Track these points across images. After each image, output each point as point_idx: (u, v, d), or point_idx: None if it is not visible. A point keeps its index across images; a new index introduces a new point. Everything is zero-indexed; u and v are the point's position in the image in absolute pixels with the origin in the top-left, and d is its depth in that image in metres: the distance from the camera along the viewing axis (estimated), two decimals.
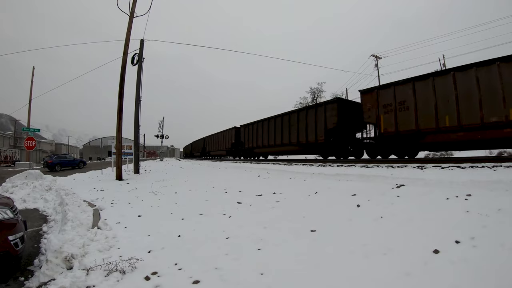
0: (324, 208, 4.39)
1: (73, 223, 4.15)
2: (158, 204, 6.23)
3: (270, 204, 5.15)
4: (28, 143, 15.44)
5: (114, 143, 14.22)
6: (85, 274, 2.69)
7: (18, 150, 44.30)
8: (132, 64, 14.41)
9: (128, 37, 12.79)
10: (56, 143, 71.35)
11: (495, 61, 7.24)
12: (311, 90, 36.59)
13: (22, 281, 2.86)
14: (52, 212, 6.19)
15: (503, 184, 3.84)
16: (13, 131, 49.66)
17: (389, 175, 5.63)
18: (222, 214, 4.85)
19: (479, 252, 2.36)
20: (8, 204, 3.23)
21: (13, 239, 2.86)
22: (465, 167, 5.87)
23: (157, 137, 38.14)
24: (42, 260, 3.27)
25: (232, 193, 6.69)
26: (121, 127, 12.75)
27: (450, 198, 3.66)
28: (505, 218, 2.84)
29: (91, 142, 74.20)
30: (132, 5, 12.91)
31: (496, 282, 1.99)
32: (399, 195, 4.23)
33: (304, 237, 3.34)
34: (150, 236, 3.93)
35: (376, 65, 29.50)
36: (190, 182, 9.84)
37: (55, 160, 22.96)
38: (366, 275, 2.34)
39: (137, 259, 2.90)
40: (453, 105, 8.03)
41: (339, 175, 6.60)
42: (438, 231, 2.85)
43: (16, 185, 9.25)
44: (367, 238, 3.02)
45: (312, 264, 2.65)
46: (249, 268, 2.69)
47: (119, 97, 12.52)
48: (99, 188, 9.43)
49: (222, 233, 3.77)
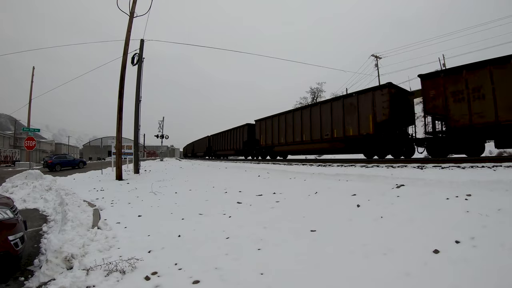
0: (324, 208, 4.39)
1: (73, 223, 4.15)
2: (158, 204, 6.23)
3: (270, 204, 5.15)
4: (28, 143, 15.44)
5: (114, 143, 14.22)
6: (85, 274, 2.69)
7: (18, 150, 44.31)
8: (132, 64, 14.42)
9: (128, 37, 12.80)
10: (56, 143, 71.35)
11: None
12: (311, 90, 36.63)
13: (22, 281, 2.86)
14: (52, 212, 6.19)
15: (503, 184, 3.84)
16: (13, 131, 49.67)
17: (389, 175, 5.63)
18: (222, 214, 4.85)
19: (479, 252, 2.36)
20: (8, 204, 3.23)
21: (13, 239, 2.86)
22: (465, 167, 5.87)
23: (157, 137, 38.18)
24: (42, 260, 3.27)
25: (232, 193, 6.69)
26: (121, 127, 12.75)
27: (450, 198, 3.66)
28: (505, 218, 2.84)
29: (91, 142, 74.18)
30: (132, 5, 12.92)
31: (496, 282, 1.99)
32: (399, 195, 4.23)
33: (304, 237, 3.34)
34: (150, 236, 3.93)
35: (376, 65, 29.55)
36: (190, 182, 9.84)
37: (55, 160, 22.96)
38: (366, 275, 2.33)
39: (137, 259, 2.90)
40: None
41: (339, 175, 6.60)
42: (438, 231, 2.85)
43: (16, 185, 9.25)
44: (367, 238, 3.02)
45: (312, 264, 2.65)
46: (249, 268, 2.68)
47: (119, 97, 12.52)
48: (99, 188, 9.43)
49: (222, 233, 3.77)
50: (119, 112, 12.52)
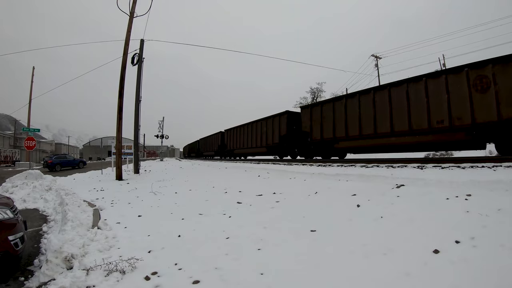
0: (324, 208, 4.39)
1: (73, 223, 4.15)
2: (158, 204, 6.23)
3: (270, 204, 5.15)
4: (28, 143, 15.45)
5: (114, 143, 14.22)
6: (85, 274, 2.69)
7: (18, 150, 44.30)
8: (132, 64, 14.43)
9: (128, 37, 12.80)
10: (56, 143, 71.36)
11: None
12: (311, 90, 36.56)
13: (22, 281, 2.86)
14: (52, 212, 6.19)
15: (503, 184, 3.84)
16: (13, 131, 49.67)
17: (389, 175, 5.63)
18: (222, 214, 4.85)
19: (479, 252, 2.36)
20: (8, 204, 3.23)
21: (13, 239, 2.86)
22: (465, 167, 5.87)
23: (157, 137, 38.18)
24: (42, 260, 3.27)
25: (232, 193, 6.69)
26: (121, 127, 12.75)
27: (450, 198, 3.66)
28: (505, 218, 2.84)
29: (91, 142, 74.23)
30: (132, 5, 12.92)
31: (496, 282, 1.99)
32: (399, 195, 4.23)
33: (304, 237, 3.34)
34: (150, 236, 3.93)
35: (376, 65, 29.51)
36: (190, 182, 9.85)
37: (55, 160, 22.96)
38: (366, 275, 2.34)
39: (137, 259, 2.90)
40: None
41: (339, 175, 6.60)
42: (438, 231, 2.85)
43: (16, 185, 9.25)
44: (367, 238, 3.02)
45: (312, 264, 2.65)
46: (249, 268, 2.68)
47: (119, 97, 12.53)
48: (99, 188, 9.44)
49: (222, 233, 3.77)
50: (119, 112, 12.53)
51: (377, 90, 10.45)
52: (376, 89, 10.58)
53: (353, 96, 11.46)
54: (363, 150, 11.67)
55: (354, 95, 11.46)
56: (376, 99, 10.26)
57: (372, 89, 10.73)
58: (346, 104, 11.47)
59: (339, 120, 11.72)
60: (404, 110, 9.22)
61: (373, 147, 10.85)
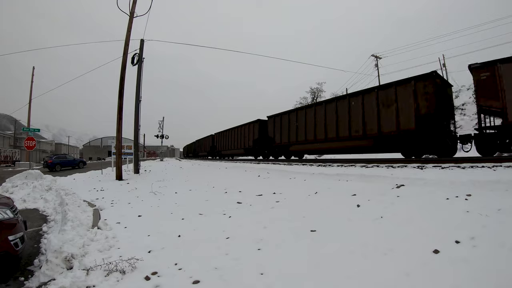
0: (324, 208, 4.39)
1: (73, 223, 4.15)
2: (158, 204, 6.23)
3: (270, 204, 5.15)
4: (28, 143, 15.45)
5: (114, 143, 14.21)
6: (85, 274, 2.69)
7: (18, 150, 44.29)
8: (132, 64, 14.42)
9: (128, 37, 12.80)
10: (56, 143, 71.40)
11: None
12: (311, 90, 36.54)
13: (22, 281, 2.86)
14: (52, 212, 6.19)
15: (503, 184, 3.84)
16: (13, 131, 49.67)
17: (389, 175, 5.63)
18: (222, 214, 4.85)
19: (479, 252, 2.35)
20: (8, 204, 3.23)
21: (13, 239, 2.86)
22: (465, 167, 5.87)
23: (157, 137, 38.15)
24: (42, 260, 3.27)
25: (232, 193, 6.69)
26: (121, 127, 12.75)
27: (450, 198, 3.66)
28: (505, 218, 2.84)
29: (91, 142, 74.18)
30: (132, 5, 12.92)
31: (496, 282, 1.99)
32: (399, 195, 4.23)
33: (304, 237, 3.34)
34: (150, 236, 3.93)
35: (376, 65, 29.53)
36: (190, 182, 9.85)
37: (55, 160, 22.95)
38: (366, 275, 2.34)
39: (137, 259, 2.91)
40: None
41: (339, 175, 6.60)
42: (438, 231, 2.85)
43: (16, 185, 9.25)
44: (367, 238, 3.02)
45: (312, 264, 2.65)
46: (249, 268, 2.69)
47: (119, 97, 12.52)
48: (99, 188, 9.44)
49: (222, 233, 3.77)
50: (119, 112, 12.52)
51: (317, 105, 13.50)
52: (317, 104, 13.79)
53: (301, 109, 14.84)
54: (311, 152, 15.02)
55: (302, 108, 14.88)
56: (317, 112, 13.09)
57: (313, 104, 14.31)
58: (297, 116, 14.51)
59: (292, 128, 14.87)
60: (333, 123, 11.96)
61: (316, 150, 14.14)
